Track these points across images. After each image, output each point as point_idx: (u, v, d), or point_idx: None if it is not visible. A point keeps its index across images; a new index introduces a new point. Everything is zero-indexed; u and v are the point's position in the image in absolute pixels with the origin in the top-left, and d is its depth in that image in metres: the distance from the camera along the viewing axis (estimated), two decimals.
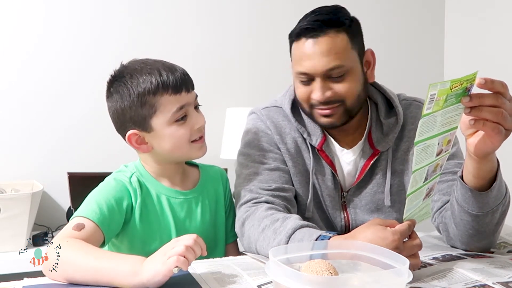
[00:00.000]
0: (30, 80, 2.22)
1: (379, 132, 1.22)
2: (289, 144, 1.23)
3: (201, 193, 1.19)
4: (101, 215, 1.03)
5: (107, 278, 0.88)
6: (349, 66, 1.13)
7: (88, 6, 2.30)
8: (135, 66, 1.10)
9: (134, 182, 1.12)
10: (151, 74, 1.07)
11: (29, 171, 2.20)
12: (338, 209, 1.24)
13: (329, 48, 1.10)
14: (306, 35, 1.12)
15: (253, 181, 1.18)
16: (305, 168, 1.23)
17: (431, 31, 2.93)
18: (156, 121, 1.08)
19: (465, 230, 1.06)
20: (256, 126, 1.26)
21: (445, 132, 0.89)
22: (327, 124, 1.17)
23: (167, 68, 1.09)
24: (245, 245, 1.13)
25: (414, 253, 0.92)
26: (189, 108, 1.11)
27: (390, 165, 1.21)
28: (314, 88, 1.13)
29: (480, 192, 0.99)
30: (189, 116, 1.11)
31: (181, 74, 1.10)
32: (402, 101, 1.27)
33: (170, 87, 1.07)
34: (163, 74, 1.07)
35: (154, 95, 1.06)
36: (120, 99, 1.09)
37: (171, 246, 0.87)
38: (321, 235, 0.98)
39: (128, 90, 1.08)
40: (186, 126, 1.10)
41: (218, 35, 2.52)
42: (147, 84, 1.06)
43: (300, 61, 1.13)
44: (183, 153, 1.13)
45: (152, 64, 1.10)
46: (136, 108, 1.07)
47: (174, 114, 1.08)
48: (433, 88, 0.79)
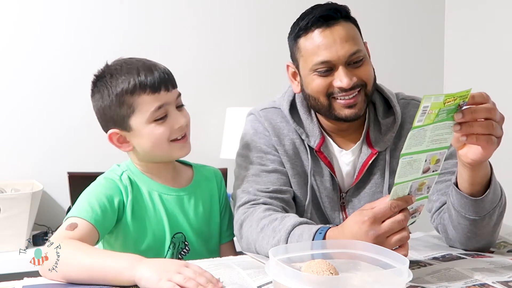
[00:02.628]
0: (30, 80, 2.22)
1: (377, 132, 1.22)
2: (287, 146, 1.23)
3: (194, 191, 1.20)
4: (93, 213, 1.04)
5: (102, 274, 0.88)
6: (364, 51, 1.15)
7: (89, 5, 2.30)
8: (116, 66, 1.12)
9: (125, 180, 1.13)
10: (130, 74, 1.08)
11: (29, 171, 2.20)
12: (337, 210, 1.24)
13: (347, 34, 1.11)
14: (318, 25, 1.12)
15: (251, 183, 1.18)
16: (303, 170, 1.23)
17: (431, 31, 2.93)
18: (134, 120, 1.08)
19: (463, 233, 1.06)
20: (254, 128, 1.26)
21: (434, 150, 0.88)
22: (351, 116, 1.15)
23: (147, 67, 1.10)
24: (244, 246, 1.13)
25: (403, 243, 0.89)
26: (169, 107, 1.10)
27: (388, 165, 1.21)
28: (337, 76, 1.12)
29: (475, 198, 0.99)
30: (169, 115, 1.10)
31: (161, 73, 1.10)
32: (400, 100, 1.26)
33: (147, 87, 1.07)
34: (141, 73, 1.08)
35: (131, 95, 1.07)
36: (101, 99, 1.11)
37: (177, 269, 0.84)
38: (320, 228, 0.98)
39: (108, 90, 1.09)
40: (165, 125, 1.09)
41: (219, 35, 2.51)
42: (125, 84, 1.07)
43: (318, 51, 1.12)
44: (163, 153, 1.12)
45: (133, 63, 1.11)
46: (115, 107, 1.09)
47: (153, 113, 1.08)
48: (427, 100, 0.79)
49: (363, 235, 0.88)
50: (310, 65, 1.14)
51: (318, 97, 1.16)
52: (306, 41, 1.14)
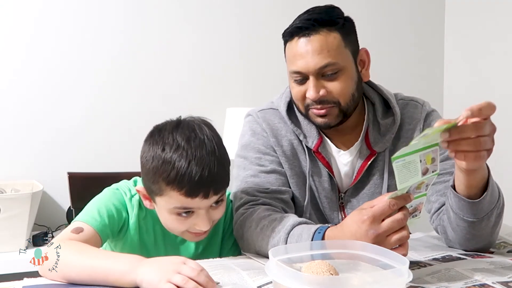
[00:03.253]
0: (30, 80, 2.22)
1: (376, 132, 1.22)
2: (285, 147, 1.23)
3: None
4: (100, 222, 1.04)
5: (102, 276, 0.88)
6: (342, 64, 1.12)
7: (87, 3, 2.30)
8: (178, 137, 1.00)
9: (134, 201, 1.11)
10: (178, 161, 0.97)
11: (29, 171, 2.20)
12: (335, 210, 1.24)
13: (321, 46, 1.11)
14: (299, 34, 1.12)
15: (250, 183, 1.19)
16: (302, 170, 1.23)
17: (431, 31, 2.93)
18: (159, 200, 1.03)
19: (462, 234, 1.06)
20: (252, 129, 1.26)
21: (425, 149, 0.87)
22: (322, 125, 1.17)
23: (197, 169, 0.97)
24: (244, 246, 1.13)
25: (402, 242, 0.88)
26: (199, 210, 1.02)
27: (387, 166, 1.21)
28: (308, 87, 1.13)
29: (473, 201, 0.99)
30: (195, 214, 1.02)
31: (207, 181, 0.98)
32: (399, 101, 1.26)
33: (184, 188, 0.97)
34: (186, 174, 0.96)
35: (166, 184, 0.98)
36: (145, 156, 1.03)
37: (176, 269, 0.84)
38: (319, 227, 0.98)
39: (155, 154, 1.00)
40: (185, 222, 1.03)
41: (219, 35, 2.52)
42: (166, 171, 0.97)
43: (294, 60, 1.14)
44: (175, 233, 1.10)
45: (191, 148, 0.98)
46: (149, 176, 1.02)
47: (176, 209, 1.01)
48: (428, 129, 0.82)
49: (362, 235, 0.88)
50: (289, 71, 1.17)
51: (298, 103, 1.19)
52: (288, 48, 1.16)
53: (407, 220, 0.90)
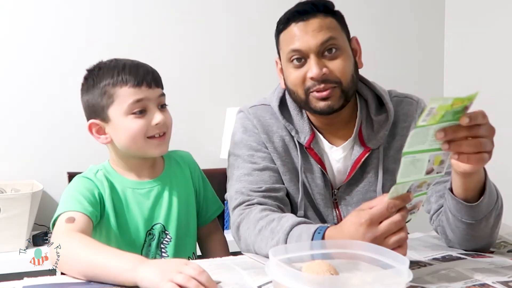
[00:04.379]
0: (30, 80, 2.22)
1: (370, 129, 1.21)
2: (277, 143, 1.22)
3: (167, 179, 1.22)
4: (82, 205, 1.07)
5: (104, 272, 0.89)
6: (341, 43, 1.14)
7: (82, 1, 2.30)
8: (106, 62, 1.18)
9: (100, 176, 1.16)
10: (116, 68, 1.13)
11: (29, 171, 2.20)
12: (329, 207, 1.23)
13: (320, 25, 1.12)
14: (295, 19, 1.14)
15: (243, 182, 1.18)
16: (294, 167, 1.22)
17: (431, 31, 2.93)
18: (113, 111, 1.12)
19: (461, 236, 1.06)
20: (243, 126, 1.26)
21: (437, 150, 0.87)
22: (325, 109, 1.14)
23: (134, 65, 1.15)
24: (243, 248, 1.13)
25: (401, 244, 0.88)
26: (149, 103, 1.13)
27: (381, 163, 1.21)
28: (309, 66, 1.12)
29: (471, 204, 0.99)
30: (148, 111, 1.13)
31: (145, 71, 1.14)
32: (393, 98, 1.26)
33: (129, 80, 1.11)
34: (126, 68, 1.13)
35: (113, 86, 1.11)
36: (86, 90, 1.16)
37: (177, 269, 0.84)
38: (318, 228, 0.98)
39: (93, 81, 1.14)
40: (142, 120, 1.12)
41: (219, 35, 2.51)
42: (109, 76, 1.12)
43: (292, 40, 1.14)
44: (138, 148, 1.14)
45: (121, 61, 1.16)
46: (97, 97, 1.13)
47: (130, 105, 1.11)
48: (433, 102, 0.77)
49: (360, 237, 0.88)
50: (285, 55, 1.16)
51: (296, 90, 1.17)
52: (284, 35, 1.16)
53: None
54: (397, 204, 0.87)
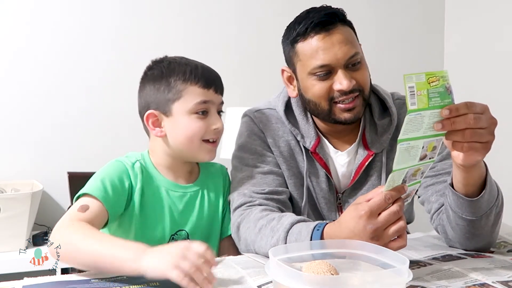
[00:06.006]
0: (30, 80, 2.22)
1: (373, 133, 1.22)
2: (282, 147, 1.23)
3: (201, 187, 1.21)
4: (105, 192, 1.05)
5: (108, 262, 0.88)
6: (361, 54, 1.16)
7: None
8: (176, 58, 1.18)
9: (137, 168, 1.14)
10: (188, 66, 1.14)
11: (29, 171, 2.20)
12: (333, 210, 1.24)
13: (345, 37, 1.12)
14: (316, 31, 1.12)
15: (247, 184, 1.18)
16: (299, 171, 1.23)
17: (431, 30, 2.93)
18: (177, 106, 1.12)
19: (461, 234, 1.06)
20: (249, 129, 1.26)
21: (431, 137, 0.87)
22: (350, 119, 1.16)
23: (206, 67, 1.17)
24: (243, 248, 1.13)
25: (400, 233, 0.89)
26: (212, 107, 1.14)
27: (385, 166, 1.21)
28: (337, 79, 1.12)
29: (471, 199, 0.98)
30: (209, 114, 1.14)
31: (215, 76, 1.17)
32: (395, 101, 1.26)
33: (200, 80, 1.12)
34: (199, 68, 1.14)
35: (184, 82, 1.12)
36: (153, 80, 1.15)
37: (181, 254, 0.84)
38: (317, 224, 0.98)
39: (162, 73, 1.14)
40: (203, 122, 1.13)
41: (219, 35, 2.51)
42: (181, 71, 1.13)
43: (317, 55, 1.12)
44: (192, 150, 1.14)
45: (193, 61, 1.18)
46: (163, 89, 1.12)
47: (196, 105, 1.11)
48: (409, 80, 0.79)
49: (360, 230, 0.88)
50: (308, 69, 1.14)
51: (320, 102, 1.16)
52: (304, 46, 1.14)
53: None
54: (394, 195, 0.88)
